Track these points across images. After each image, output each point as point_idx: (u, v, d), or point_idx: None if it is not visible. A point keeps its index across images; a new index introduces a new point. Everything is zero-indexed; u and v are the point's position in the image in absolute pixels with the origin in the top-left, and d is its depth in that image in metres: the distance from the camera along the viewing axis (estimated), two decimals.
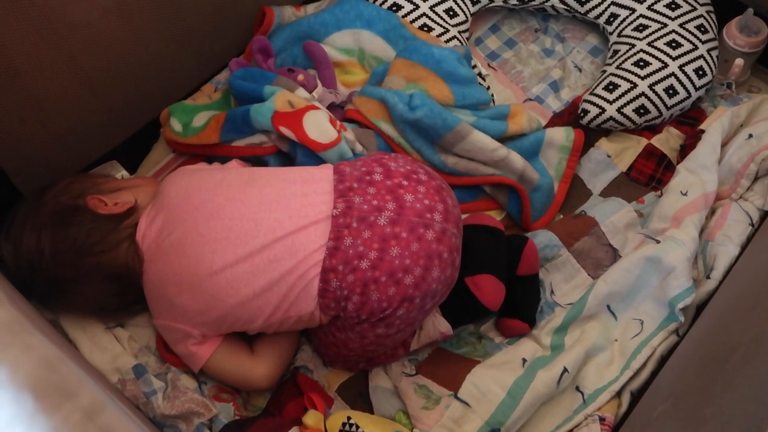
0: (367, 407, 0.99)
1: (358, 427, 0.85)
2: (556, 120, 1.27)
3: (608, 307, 1.05)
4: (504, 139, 1.15)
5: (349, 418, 0.86)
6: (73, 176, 1.03)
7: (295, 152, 1.06)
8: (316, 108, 1.06)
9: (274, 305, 0.90)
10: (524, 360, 1.00)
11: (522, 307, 1.05)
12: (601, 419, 0.95)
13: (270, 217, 0.89)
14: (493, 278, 0.99)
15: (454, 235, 0.90)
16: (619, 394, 0.99)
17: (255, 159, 1.10)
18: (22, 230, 0.94)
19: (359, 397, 1.01)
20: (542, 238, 1.09)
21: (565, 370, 0.98)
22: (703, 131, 1.17)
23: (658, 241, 1.05)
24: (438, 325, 0.98)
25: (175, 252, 0.91)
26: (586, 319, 1.05)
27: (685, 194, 1.10)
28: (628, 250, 1.10)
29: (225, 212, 0.91)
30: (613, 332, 1.04)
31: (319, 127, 1.03)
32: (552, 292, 1.08)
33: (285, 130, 1.03)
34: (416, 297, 0.88)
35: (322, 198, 0.90)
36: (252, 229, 0.89)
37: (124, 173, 1.14)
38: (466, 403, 0.95)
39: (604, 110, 1.20)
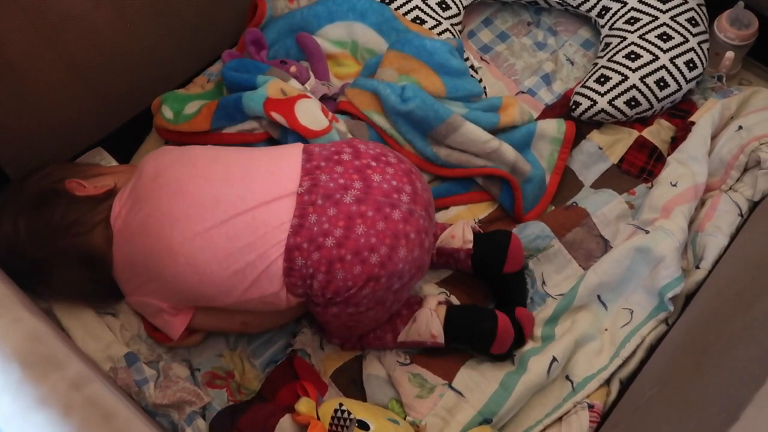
0: (361, 395, 1.00)
1: (350, 413, 0.85)
2: (548, 112, 1.28)
3: (599, 297, 1.06)
4: (496, 131, 1.16)
5: (341, 404, 0.87)
6: (58, 164, 1.04)
7: (286, 140, 1.06)
8: (308, 96, 1.06)
9: (233, 284, 0.89)
10: (514, 355, 1.01)
11: (511, 303, 1.04)
12: (590, 406, 0.96)
13: (232, 192, 0.88)
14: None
15: (422, 217, 0.89)
16: (608, 382, 1.00)
17: (246, 146, 1.10)
18: (1, 214, 0.94)
19: (353, 384, 1.01)
20: (534, 229, 1.10)
21: (554, 359, 0.98)
22: (693, 123, 1.18)
23: (647, 232, 1.06)
24: (431, 325, 0.97)
25: (140, 231, 0.91)
26: (577, 310, 1.06)
27: (675, 185, 1.11)
28: (618, 241, 1.10)
29: (188, 189, 0.90)
30: (604, 322, 1.05)
31: (310, 114, 1.03)
32: (543, 282, 1.09)
33: (277, 116, 1.03)
34: (382, 276, 0.87)
35: (288, 175, 0.89)
36: (212, 205, 0.88)
37: (110, 160, 1.14)
38: (460, 393, 0.96)
39: (595, 102, 1.20)
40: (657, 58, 1.21)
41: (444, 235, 1.05)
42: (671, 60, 1.21)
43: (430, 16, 1.28)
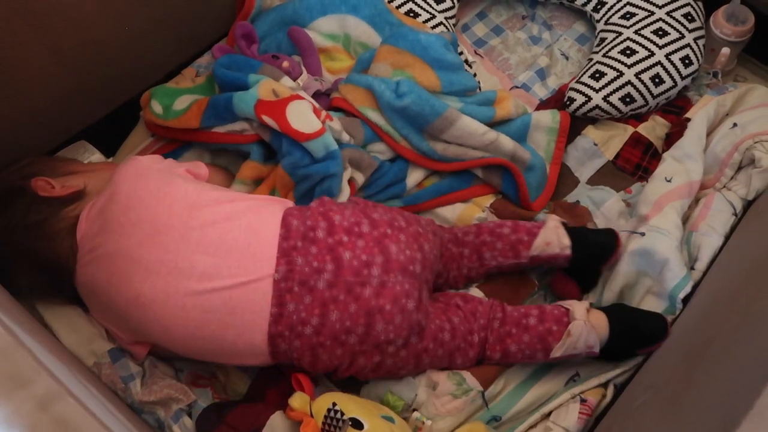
0: (352, 387, 0.98)
1: (343, 413, 0.84)
2: (543, 108, 1.26)
3: None
4: (491, 124, 1.15)
5: (334, 404, 0.86)
6: (33, 157, 1.02)
7: (279, 142, 1.04)
8: (301, 98, 1.04)
9: (204, 349, 0.90)
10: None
11: (586, 279, 1.04)
12: (583, 401, 0.95)
13: (207, 261, 0.87)
14: None
15: (398, 283, 0.88)
16: (605, 385, 0.98)
17: (235, 147, 1.09)
18: None
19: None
20: None
21: (577, 374, 0.99)
22: (688, 120, 1.17)
23: (642, 234, 1.05)
24: (588, 338, 0.94)
25: (106, 267, 0.89)
26: None
27: (669, 181, 1.10)
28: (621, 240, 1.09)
29: (161, 240, 0.87)
30: None
31: (302, 116, 1.02)
32: None
33: (267, 119, 1.01)
34: (366, 350, 0.89)
35: (265, 252, 0.88)
36: (186, 269, 0.86)
37: (94, 152, 1.13)
38: (486, 403, 0.97)
39: (590, 98, 1.19)
40: (652, 54, 1.20)
41: (538, 243, 1.02)
42: (667, 56, 1.20)
43: (424, 9, 1.26)
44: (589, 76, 1.21)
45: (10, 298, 0.88)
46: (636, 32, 1.23)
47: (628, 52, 1.21)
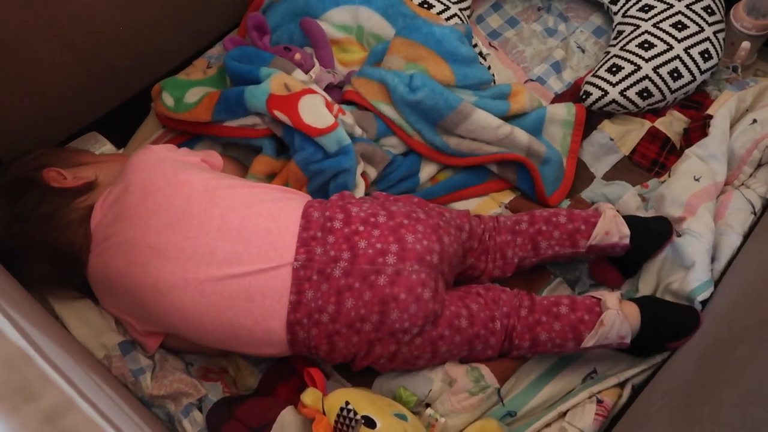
0: (364, 381, 0.97)
1: (356, 413, 0.84)
2: (558, 101, 1.25)
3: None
4: (506, 118, 1.14)
5: (347, 403, 0.85)
6: (45, 149, 1.02)
7: (291, 137, 1.03)
8: (313, 92, 1.03)
9: (223, 336, 0.90)
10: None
11: (630, 266, 1.04)
12: (599, 401, 0.94)
13: (227, 247, 0.87)
14: None
15: (414, 272, 0.88)
16: (622, 385, 0.97)
17: (246, 141, 1.08)
18: None
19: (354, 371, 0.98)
20: None
21: (594, 371, 0.98)
22: (709, 116, 1.15)
23: (679, 235, 1.03)
24: (621, 328, 0.92)
25: (122, 255, 0.89)
26: None
27: (698, 180, 1.08)
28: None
29: (180, 227, 0.88)
30: None
31: (315, 111, 1.00)
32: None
33: (279, 114, 1.00)
34: (383, 338, 0.88)
35: (284, 240, 0.88)
36: (206, 254, 0.87)
37: (105, 143, 1.12)
38: (501, 399, 0.96)
39: (606, 93, 1.17)
40: (671, 47, 1.18)
41: (597, 232, 1.00)
42: (686, 50, 1.18)
43: (439, 1, 1.24)
44: (605, 70, 1.19)
45: (22, 292, 0.88)
46: (654, 25, 1.21)
47: (646, 45, 1.19)
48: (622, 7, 1.27)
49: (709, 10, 1.21)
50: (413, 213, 0.93)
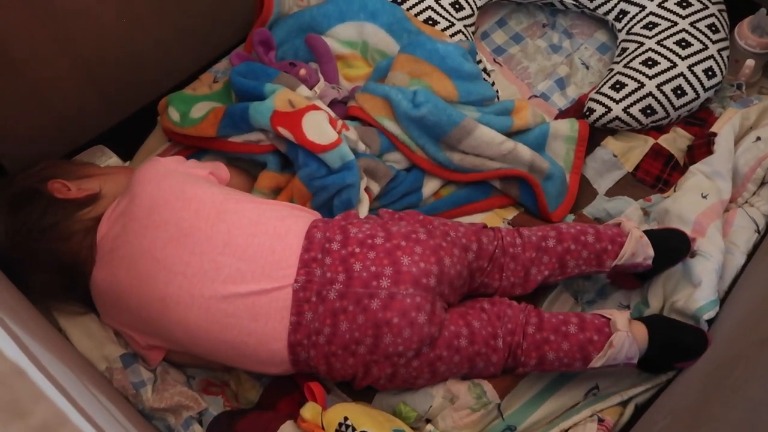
0: (364, 397, 0.97)
1: (354, 428, 0.84)
2: (561, 117, 1.25)
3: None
4: (509, 134, 1.14)
5: (346, 418, 0.85)
6: (51, 161, 1.03)
7: (295, 153, 1.04)
8: (317, 108, 1.04)
9: (226, 352, 0.90)
10: None
11: (646, 275, 1.04)
12: (600, 420, 0.93)
13: (233, 264, 0.88)
14: None
15: (409, 296, 0.88)
16: (624, 403, 0.96)
17: (251, 157, 1.08)
18: None
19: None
20: None
21: (596, 386, 0.98)
22: (714, 134, 1.14)
23: (691, 256, 1.03)
24: (630, 350, 0.91)
25: (128, 268, 0.89)
26: None
27: (705, 197, 1.07)
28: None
29: (187, 242, 0.88)
30: None
31: (318, 128, 1.01)
32: None
33: (283, 131, 1.01)
34: (378, 360, 0.88)
35: (287, 261, 0.89)
36: (211, 271, 0.87)
37: (111, 155, 1.13)
38: (501, 414, 0.96)
39: (610, 109, 1.17)
40: (675, 65, 1.18)
41: (624, 252, 0.98)
42: (689, 67, 1.18)
43: (443, 17, 1.25)
44: (609, 87, 1.19)
45: (24, 304, 0.88)
46: (658, 43, 1.21)
47: (649, 62, 1.19)
48: (626, 25, 1.27)
49: (714, 28, 1.22)
50: (413, 234, 0.93)
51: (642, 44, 1.22)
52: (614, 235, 1.00)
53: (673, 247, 1.02)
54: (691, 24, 1.21)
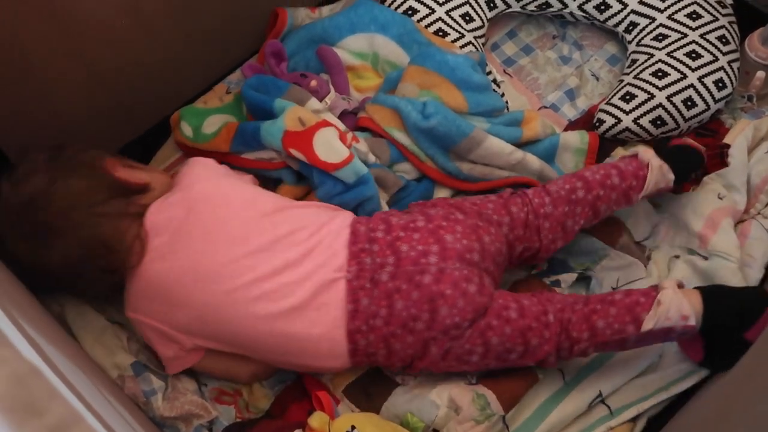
0: (373, 406, 0.98)
1: None
2: (571, 128, 1.25)
3: None
4: (518, 145, 1.14)
5: (353, 427, 0.86)
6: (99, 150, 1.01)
7: (309, 171, 1.05)
8: (327, 124, 1.05)
9: (289, 350, 0.92)
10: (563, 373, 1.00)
11: (717, 346, 0.95)
12: None
13: (294, 260, 0.92)
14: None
15: (456, 269, 0.92)
16: (635, 418, 0.96)
17: (264, 173, 1.10)
18: (33, 170, 0.92)
19: (365, 396, 0.99)
20: (586, 243, 1.10)
21: (600, 394, 0.97)
22: (726, 145, 1.14)
23: (705, 258, 1.03)
24: (681, 304, 0.89)
25: (191, 264, 0.90)
26: None
27: (722, 198, 1.09)
28: (654, 243, 1.11)
29: (252, 240, 0.92)
30: (667, 348, 1.01)
31: (329, 146, 1.02)
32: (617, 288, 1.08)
33: (295, 152, 1.03)
34: (436, 336, 0.91)
35: (338, 254, 0.93)
36: (279, 267, 0.91)
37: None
38: (506, 427, 0.96)
39: (620, 120, 1.18)
40: (685, 76, 1.18)
41: (648, 184, 1.03)
42: (700, 79, 1.18)
43: (453, 29, 1.26)
44: (619, 98, 1.19)
45: (39, 309, 0.89)
46: (668, 54, 1.21)
47: (659, 74, 1.19)
48: (636, 36, 1.28)
49: (724, 40, 1.22)
50: (451, 215, 0.97)
51: (652, 56, 1.23)
52: (636, 169, 1.04)
53: (691, 162, 1.07)
54: (702, 36, 1.22)
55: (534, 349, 0.92)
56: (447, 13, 1.27)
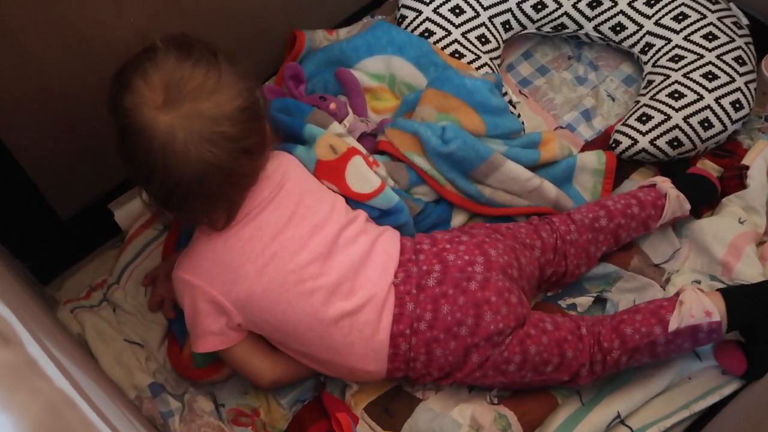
0: (394, 424, 0.98)
1: None
2: (588, 149, 1.25)
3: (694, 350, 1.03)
4: (536, 167, 1.15)
5: None
6: None
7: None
8: (357, 152, 1.05)
9: (332, 346, 0.93)
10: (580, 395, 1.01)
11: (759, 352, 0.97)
12: None
13: (361, 264, 0.95)
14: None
15: (500, 280, 0.95)
16: None
17: None
18: (190, 49, 0.88)
19: (386, 414, 0.99)
20: (600, 267, 1.11)
21: (618, 416, 0.97)
22: (745, 167, 1.14)
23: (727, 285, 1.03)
24: (702, 301, 0.94)
25: (269, 242, 0.90)
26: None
27: (743, 223, 1.09)
28: (672, 266, 1.11)
29: (327, 237, 0.94)
30: (692, 369, 1.02)
31: (361, 176, 1.04)
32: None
33: (328, 184, 1.03)
34: (479, 342, 0.93)
35: (390, 262, 0.96)
36: (351, 271, 0.94)
37: None
38: None
39: (636, 141, 1.18)
40: (701, 97, 1.18)
41: (666, 213, 1.09)
42: (716, 100, 1.18)
43: (469, 50, 1.27)
44: (635, 119, 1.20)
45: (61, 329, 0.90)
46: (684, 75, 1.21)
47: (676, 95, 1.19)
48: (652, 57, 1.28)
49: (740, 61, 1.22)
50: (492, 234, 1.02)
51: (668, 77, 1.23)
52: (654, 199, 1.10)
53: (706, 193, 1.14)
54: (718, 57, 1.22)
55: (569, 362, 0.95)
56: (463, 35, 1.28)
